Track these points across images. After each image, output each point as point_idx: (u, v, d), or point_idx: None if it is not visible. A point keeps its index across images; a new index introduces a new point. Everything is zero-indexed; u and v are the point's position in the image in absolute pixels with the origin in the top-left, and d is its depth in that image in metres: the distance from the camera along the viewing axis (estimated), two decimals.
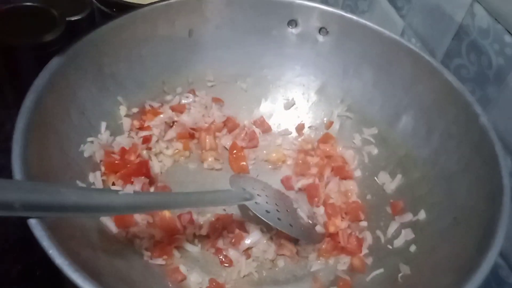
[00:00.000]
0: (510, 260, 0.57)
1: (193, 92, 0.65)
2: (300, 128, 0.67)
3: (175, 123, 0.63)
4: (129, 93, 0.59)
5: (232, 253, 0.54)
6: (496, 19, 0.53)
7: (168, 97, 0.64)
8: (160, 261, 0.51)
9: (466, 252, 0.43)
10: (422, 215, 0.53)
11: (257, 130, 0.66)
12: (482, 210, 0.45)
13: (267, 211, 0.52)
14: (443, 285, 0.41)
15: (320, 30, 0.64)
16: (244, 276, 0.52)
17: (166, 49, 0.62)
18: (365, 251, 0.54)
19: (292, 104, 0.68)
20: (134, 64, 0.59)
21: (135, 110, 0.60)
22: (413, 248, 0.50)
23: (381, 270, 0.51)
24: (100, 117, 0.56)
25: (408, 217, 0.54)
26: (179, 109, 0.63)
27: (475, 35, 0.57)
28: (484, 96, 0.57)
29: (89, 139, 0.54)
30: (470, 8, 0.57)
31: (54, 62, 0.49)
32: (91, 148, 0.53)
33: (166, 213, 0.54)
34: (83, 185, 0.50)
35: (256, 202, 0.52)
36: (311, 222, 0.56)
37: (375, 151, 0.62)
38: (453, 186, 0.51)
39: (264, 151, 0.66)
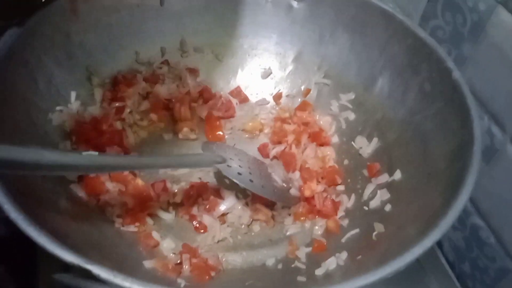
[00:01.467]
0: (490, 221, 0.57)
1: (166, 62, 0.64)
2: (277, 97, 0.66)
3: (150, 94, 0.62)
4: (100, 63, 0.58)
5: (206, 219, 0.53)
6: None
7: (141, 68, 0.63)
8: (132, 228, 0.50)
9: (437, 203, 0.42)
10: (397, 175, 0.52)
11: (234, 100, 0.65)
12: (453, 161, 0.44)
13: (239, 174, 0.51)
14: (413, 234, 0.40)
15: None
16: (218, 241, 0.52)
17: (136, 18, 0.61)
18: (341, 213, 0.54)
19: (269, 73, 0.67)
20: (104, 33, 0.58)
21: (107, 80, 0.59)
22: (388, 207, 0.50)
23: (357, 230, 0.50)
24: (69, 87, 0.55)
25: (385, 178, 0.53)
26: (152, 79, 0.62)
27: None
28: (460, 55, 0.56)
29: (58, 108, 0.53)
30: None
31: (18, 28, 0.48)
32: (60, 117, 0.52)
33: (139, 181, 0.54)
34: None
35: (228, 165, 0.51)
36: (285, 185, 0.55)
37: (352, 116, 0.61)
38: (428, 143, 0.50)
39: (241, 121, 0.65)
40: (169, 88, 0.63)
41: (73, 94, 0.55)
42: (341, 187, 0.57)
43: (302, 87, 0.66)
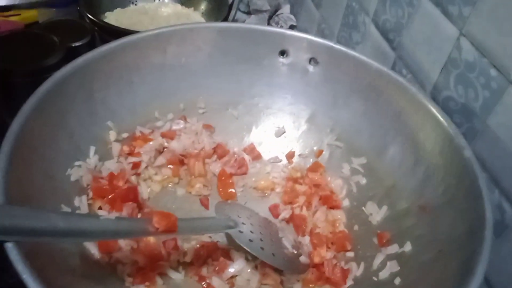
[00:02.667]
0: None
1: (184, 118, 0.66)
2: (290, 156, 0.67)
3: (165, 149, 0.64)
4: (119, 118, 0.60)
5: (215, 281, 0.53)
6: (481, 53, 0.54)
7: (159, 123, 0.64)
8: (142, 287, 0.51)
9: (446, 286, 0.42)
10: (408, 247, 0.52)
11: (247, 157, 0.67)
12: (465, 243, 0.45)
13: (250, 240, 0.52)
14: None
15: (311, 60, 0.65)
16: None
17: (157, 76, 0.63)
18: (350, 282, 0.53)
19: (283, 132, 0.69)
20: (125, 90, 0.60)
21: (125, 135, 0.61)
22: (397, 280, 0.50)
23: None
24: (89, 142, 0.57)
25: (394, 249, 0.53)
26: (169, 135, 0.64)
27: (462, 68, 0.58)
28: (471, 128, 0.57)
29: (77, 163, 0.54)
30: (457, 42, 0.58)
31: (43, 87, 0.50)
32: (78, 172, 0.53)
33: (151, 239, 0.54)
34: (68, 209, 0.51)
35: (240, 231, 0.52)
36: (295, 252, 0.56)
37: (363, 181, 0.62)
38: (438, 218, 0.51)
39: (253, 179, 0.66)
40: (184, 144, 0.64)
41: (92, 149, 0.56)
42: (350, 254, 0.57)
43: (315, 148, 0.67)
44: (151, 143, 0.62)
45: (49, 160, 0.50)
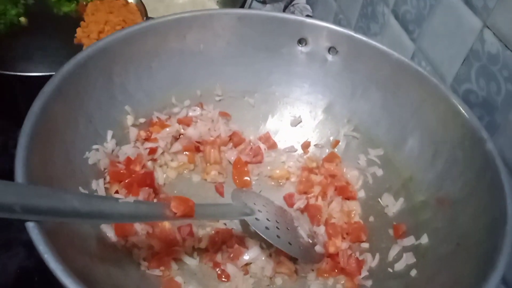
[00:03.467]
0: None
1: (200, 105, 0.65)
2: (305, 146, 0.67)
3: (181, 135, 0.64)
4: (137, 103, 0.60)
5: (230, 268, 0.53)
6: (505, 45, 0.53)
7: (176, 109, 0.64)
8: (157, 272, 0.51)
9: (465, 280, 0.42)
10: (424, 239, 0.52)
11: (263, 146, 0.66)
12: (484, 238, 0.44)
13: (267, 228, 0.52)
14: None
15: (330, 49, 0.64)
16: None
17: (176, 62, 0.62)
18: (364, 273, 0.53)
19: (299, 122, 0.68)
20: (144, 75, 0.60)
21: (142, 120, 0.61)
22: (413, 272, 0.50)
23: None
24: (107, 126, 0.57)
25: (411, 241, 0.53)
26: (186, 122, 0.64)
27: (484, 60, 0.57)
28: (492, 122, 0.56)
29: (95, 146, 0.54)
30: (480, 33, 0.57)
31: (64, 69, 0.50)
32: (96, 155, 0.54)
33: (166, 224, 0.54)
34: (85, 191, 0.51)
35: (256, 218, 0.52)
36: (311, 241, 0.56)
37: (379, 172, 0.62)
38: (457, 212, 0.50)
39: (268, 167, 0.66)
40: (200, 131, 0.64)
41: (109, 133, 0.57)
42: (365, 245, 0.57)
43: (331, 138, 0.67)
44: (167, 129, 0.62)
45: (69, 142, 0.50)
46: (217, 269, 0.54)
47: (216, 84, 0.66)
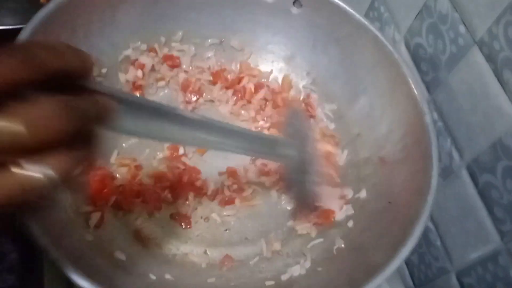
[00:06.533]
0: (438, 227, 0.64)
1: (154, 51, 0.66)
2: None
3: None
4: (101, 53, 0.61)
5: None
6: (454, 8, 0.56)
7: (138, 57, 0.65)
8: None
9: (392, 236, 0.50)
10: (363, 194, 0.59)
11: None
12: (412, 201, 0.51)
13: None
14: (371, 258, 0.48)
15: (295, 2, 0.65)
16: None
17: (139, 9, 0.62)
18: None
19: None
20: (107, 24, 0.60)
21: (104, 70, 0.62)
22: (350, 223, 0.57)
23: (321, 240, 0.58)
24: None
25: (351, 193, 0.60)
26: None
27: (435, 18, 0.60)
28: (436, 78, 0.61)
29: None
30: None
31: (28, 27, 0.50)
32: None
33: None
34: None
35: None
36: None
37: (331, 126, 0.67)
38: (393, 173, 0.57)
39: None
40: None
41: None
42: None
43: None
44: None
45: None
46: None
47: (179, 31, 0.67)
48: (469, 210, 0.58)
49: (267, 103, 0.68)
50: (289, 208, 0.61)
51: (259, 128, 0.67)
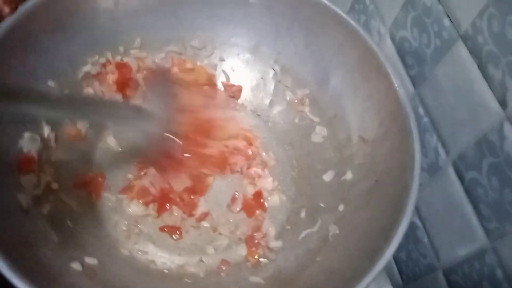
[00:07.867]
0: (425, 224, 0.64)
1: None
2: (238, 90, 0.69)
3: None
4: (61, 74, 0.58)
5: None
6: (438, 0, 0.55)
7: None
8: None
9: (384, 217, 0.49)
10: (349, 175, 0.58)
11: None
12: (398, 177, 0.50)
13: None
14: (365, 247, 0.48)
15: None
16: None
17: (90, 22, 0.59)
18: None
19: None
20: (61, 42, 0.57)
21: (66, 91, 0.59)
22: (341, 207, 0.56)
23: (313, 229, 0.57)
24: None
25: (331, 175, 0.60)
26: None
27: (419, 10, 0.58)
28: (421, 73, 0.60)
29: (27, 134, 0.54)
30: None
31: None
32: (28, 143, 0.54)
33: None
34: None
35: None
36: None
37: (306, 109, 0.66)
38: (375, 150, 0.56)
39: None
40: None
41: None
42: None
43: (261, 79, 0.69)
44: None
45: None
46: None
47: (137, 38, 0.64)
48: (455, 207, 0.57)
49: None
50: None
51: None
